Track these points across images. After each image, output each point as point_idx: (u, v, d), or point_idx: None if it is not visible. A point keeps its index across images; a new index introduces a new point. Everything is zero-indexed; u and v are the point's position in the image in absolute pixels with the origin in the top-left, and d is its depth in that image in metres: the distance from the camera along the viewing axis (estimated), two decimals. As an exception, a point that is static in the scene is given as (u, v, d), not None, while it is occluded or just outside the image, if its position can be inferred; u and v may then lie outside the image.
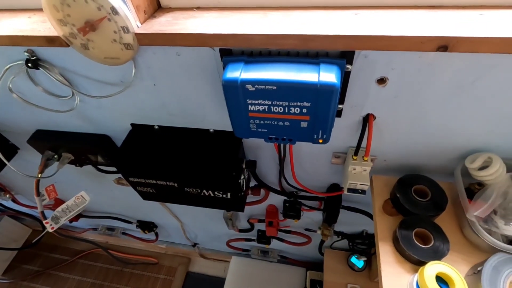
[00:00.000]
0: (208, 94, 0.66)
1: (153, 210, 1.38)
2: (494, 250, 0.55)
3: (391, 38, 0.44)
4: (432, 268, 0.52)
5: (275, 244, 1.42)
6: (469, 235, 0.61)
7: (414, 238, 0.59)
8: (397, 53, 0.50)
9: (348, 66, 0.51)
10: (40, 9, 0.64)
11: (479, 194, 0.59)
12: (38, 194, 0.88)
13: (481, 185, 0.63)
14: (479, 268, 0.52)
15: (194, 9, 0.57)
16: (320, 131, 0.53)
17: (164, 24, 0.53)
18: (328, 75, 0.45)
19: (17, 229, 1.99)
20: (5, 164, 0.93)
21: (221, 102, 0.67)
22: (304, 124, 0.52)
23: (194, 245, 1.77)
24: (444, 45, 0.43)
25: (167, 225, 1.60)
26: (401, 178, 0.69)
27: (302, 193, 0.94)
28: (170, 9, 0.58)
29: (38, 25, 0.60)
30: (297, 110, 0.50)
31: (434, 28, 0.44)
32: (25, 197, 1.49)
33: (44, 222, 0.91)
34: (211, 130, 0.76)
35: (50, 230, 0.93)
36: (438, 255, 0.57)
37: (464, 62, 0.50)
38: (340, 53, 0.51)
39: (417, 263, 0.58)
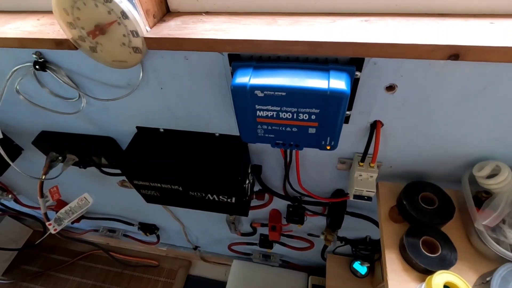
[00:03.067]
0: (215, 98, 0.66)
1: (155, 213, 1.38)
2: (502, 260, 0.55)
3: (402, 46, 0.44)
4: (440, 278, 0.51)
5: (277, 248, 1.41)
6: (476, 244, 0.60)
7: (421, 246, 0.58)
8: (407, 60, 0.50)
9: (358, 73, 0.51)
10: (49, 12, 0.64)
11: (487, 203, 0.59)
12: (42, 195, 0.88)
13: (488, 193, 0.63)
14: (488, 279, 0.52)
15: (203, 14, 0.57)
16: (328, 138, 0.52)
17: (173, 28, 0.53)
18: (338, 82, 0.45)
19: (18, 229, 1.99)
20: (9, 165, 0.93)
21: (227, 106, 0.67)
22: (312, 131, 0.52)
23: (195, 248, 1.76)
24: (455, 53, 0.43)
25: (169, 228, 1.59)
26: (407, 185, 0.68)
27: (306, 198, 0.94)
28: (179, 14, 0.58)
29: (46, 27, 0.60)
30: (305, 116, 0.49)
31: (445, 36, 0.44)
32: (27, 197, 1.49)
33: (47, 223, 0.91)
34: (217, 134, 0.76)
35: (53, 232, 0.92)
36: (445, 264, 0.56)
37: (473, 70, 0.49)
38: (350, 59, 0.51)
39: (424, 272, 0.57)
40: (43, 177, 0.87)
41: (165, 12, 0.58)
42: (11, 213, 1.70)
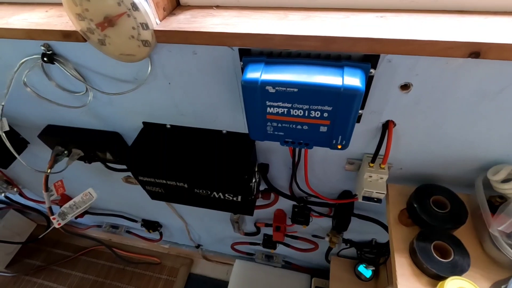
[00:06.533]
0: (223, 94, 0.65)
1: (159, 210, 1.37)
2: (517, 267, 0.53)
3: (419, 42, 0.42)
4: (453, 284, 0.50)
5: (280, 249, 1.40)
6: (490, 250, 0.58)
7: (433, 251, 0.56)
8: (423, 58, 0.49)
9: (372, 70, 0.49)
10: (58, 3, 0.64)
11: (502, 208, 0.57)
12: (47, 189, 0.88)
13: (502, 198, 0.61)
14: (502, 287, 0.50)
15: (214, 8, 0.56)
16: (340, 137, 0.51)
17: (183, 22, 0.52)
18: (353, 79, 0.44)
19: (22, 223, 1.99)
20: (15, 158, 0.92)
21: (235, 103, 0.66)
22: (323, 129, 0.50)
23: (198, 246, 1.76)
24: (476, 51, 0.41)
25: (172, 225, 1.59)
26: (418, 187, 0.66)
27: (312, 199, 0.92)
28: (189, 7, 0.57)
29: (54, 19, 0.59)
30: (317, 114, 0.48)
31: (465, 34, 0.42)
32: (32, 191, 1.49)
33: (51, 217, 0.90)
34: (224, 131, 0.74)
35: (57, 226, 0.92)
36: (457, 270, 0.54)
37: (492, 70, 0.48)
38: (364, 56, 0.49)
39: (435, 278, 0.56)
40: (49, 171, 0.87)
41: (175, 6, 0.57)
42: (15, 206, 1.71)
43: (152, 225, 1.55)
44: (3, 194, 1.38)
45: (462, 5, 0.47)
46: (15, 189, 1.41)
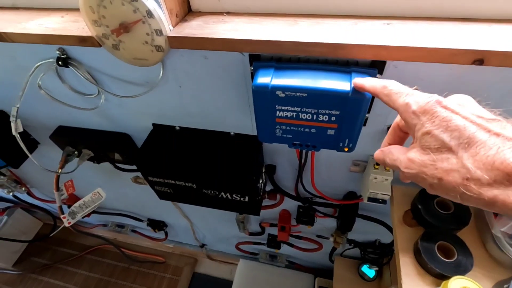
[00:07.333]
0: (232, 97, 0.66)
1: (165, 210, 1.39)
2: (519, 268, 0.54)
3: (425, 49, 0.44)
4: (456, 283, 0.51)
5: (284, 249, 1.41)
6: (492, 251, 0.60)
7: (436, 251, 0.58)
8: (427, 64, 0.50)
9: (378, 75, 0.51)
10: (73, 9, 0.65)
11: (504, 210, 0.58)
12: (58, 189, 0.90)
13: (505, 200, 0.62)
14: (505, 286, 0.51)
15: (224, 14, 0.58)
16: (347, 140, 0.53)
17: (195, 28, 0.54)
18: (360, 85, 0.45)
19: (29, 221, 2.03)
20: (26, 158, 0.95)
21: (244, 106, 0.68)
22: (331, 132, 0.52)
23: (202, 246, 1.78)
24: (480, 58, 0.43)
25: (177, 225, 1.61)
26: (422, 189, 0.68)
27: (317, 200, 0.94)
28: (200, 13, 0.59)
29: (70, 24, 0.61)
30: (325, 117, 0.50)
31: (470, 41, 0.44)
32: (40, 191, 1.52)
33: (61, 216, 0.92)
34: (232, 133, 0.76)
35: (67, 225, 0.94)
36: (461, 270, 0.56)
37: (495, 76, 0.49)
38: (371, 62, 0.51)
39: (439, 277, 0.57)
40: (60, 171, 0.89)
41: (186, 12, 0.59)
42: (23, 205, 1.73)
43: (157, 225, 1.57)
44: (11, 193, 1.41)
45: (466, 13, 0.49)
46: (23, 188, 1.43)
